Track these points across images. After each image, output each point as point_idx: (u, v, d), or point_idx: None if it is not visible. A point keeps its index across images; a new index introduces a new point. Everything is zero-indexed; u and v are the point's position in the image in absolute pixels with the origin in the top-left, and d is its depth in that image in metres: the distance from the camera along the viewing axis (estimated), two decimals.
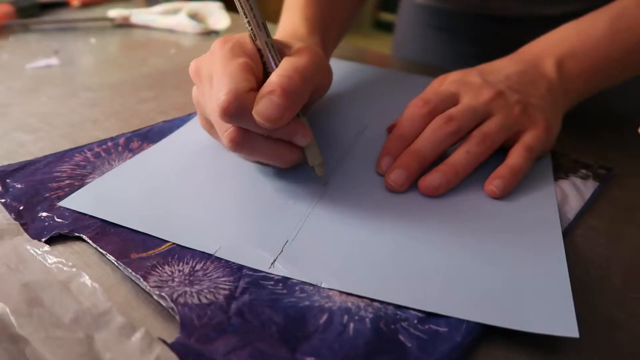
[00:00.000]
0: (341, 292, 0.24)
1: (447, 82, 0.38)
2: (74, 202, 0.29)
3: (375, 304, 0.24)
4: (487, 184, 0.33)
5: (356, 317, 0.23)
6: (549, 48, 0.40)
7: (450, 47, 0.65)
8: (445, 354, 0.21)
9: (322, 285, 0.25)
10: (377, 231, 0.29)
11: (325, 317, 0.23)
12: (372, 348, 0.22)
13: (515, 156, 0.34)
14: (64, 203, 0.29)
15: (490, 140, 0.34)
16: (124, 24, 0.68)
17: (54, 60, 0.53)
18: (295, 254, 0.27)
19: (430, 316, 0.23)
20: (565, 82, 0.38)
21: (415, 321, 0.23)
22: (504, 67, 0.39)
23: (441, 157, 0.34)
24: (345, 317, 0.23)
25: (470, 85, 0.37)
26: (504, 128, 0.34)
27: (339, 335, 0.22)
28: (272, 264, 0.26)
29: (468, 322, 0.23)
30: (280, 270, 0.26)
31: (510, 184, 0.32)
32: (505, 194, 0.32)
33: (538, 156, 0.36)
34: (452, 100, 0.36)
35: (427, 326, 0.23)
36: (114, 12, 0.67)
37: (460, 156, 0.33)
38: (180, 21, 0.66)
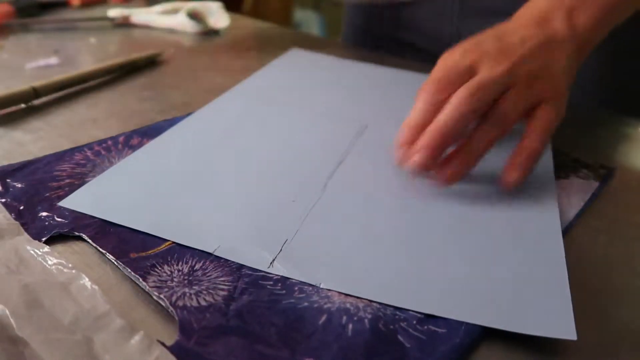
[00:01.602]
0: (340, 293, 0.24)
1: (460, 52, 0.35)
2: (74, 202, 0.29)
3: (374, 304, 0.24)
4: (506, 174, 0.31)
5: (355, 318, 0.23)
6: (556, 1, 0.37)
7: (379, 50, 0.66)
8: (444, 354, 0.21)
9: (321, 286, 0.25)
10: (377, 232, 0.29)
11: (324, 318, 0.23)
12: (371, 348, 0.22)
13: (533, 138, 0.32)
14: (63, 203, 0.29)
15: (509, 118, 0.32)
16: (124, 24, 0.68)
17: (53, 60, 0.53)
18: (294, 253, 0.27)
19: (429, 317, 0.23)
20: (577, 37, 0.36)
21: (415, 322, 0.23)
22: (517, 30, 0.36)
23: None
24: (344, 318, 0.23)
25: (486, 54, 0.34)
26: (522, 101, 0.32)
27: (338, 336, 0.22)
28: (271, 263, 0.26)
29: (467, 323, 0.23)
30: (279, 270, 0.26)
31: (528, 171, 0.32)
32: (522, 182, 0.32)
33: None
34: (466, 73, 0.33)
35: (426, 327, 0.23)
36: (114, 12, 0.67)
37: (478, 137, 0.32)
38: (180, 21, 0.66)
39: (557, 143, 0.38)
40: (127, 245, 0.26)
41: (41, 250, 0.25)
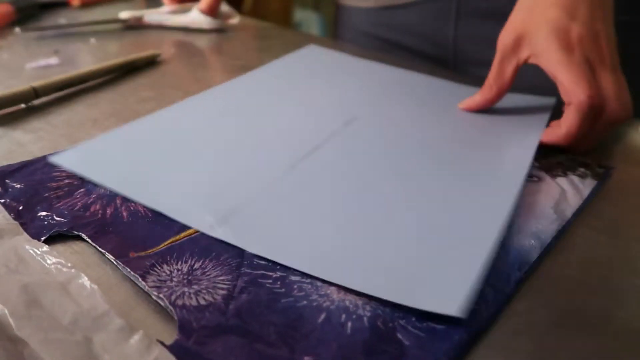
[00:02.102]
0: (339, 290, 0.24)
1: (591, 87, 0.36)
2: (64, 159, 0.32)
3: (373, 302, 0.24)
4: None
5: (354, 316, 0.23)
6: None
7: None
8: (443, 352, 0.22)
9: (249, 250, 0.26)
10: (326, 212, 0.30)
11: (323, 316, 0.23)
12: (370, 346, 0.22)
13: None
14: (54, 159, 0.32)
15: None
16: (137, 26, 0.67)
17: (53, 60, 0.53)
18: (240, 222, 0.28)
19: (428, 314, 0.23)
20: None
21: (414, 319, 0.23)
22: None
23: None
24: (343, 316, 0.23)
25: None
26: None
27: (337, 334, 0.22)
28: (212, 226, 0.28)
29: (467, 320, 0.23)
30: (218, 233, 0.27)
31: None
32: None
33: None
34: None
35: (425, 324, 0.23)
36: (126, 14, 0.66)
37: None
38: (194, 18, 0.65)
39: None
40: (126, 245, 0.26)
41: (40, 249, 0.25)
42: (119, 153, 0.34)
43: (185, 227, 0.28)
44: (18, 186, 0.31)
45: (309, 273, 0.25)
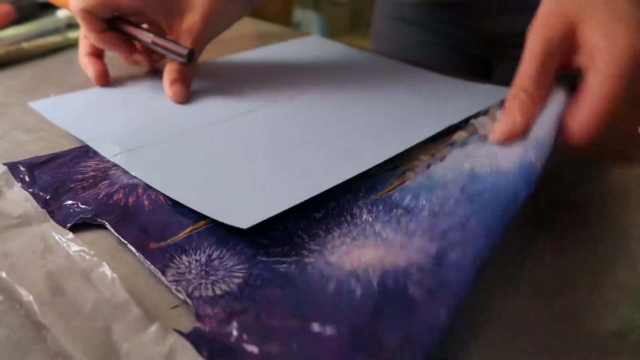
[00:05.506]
0: (352, 263, 0.25)
1: None
2: (44, 106, 0.39)
3: (380, 267, 0.24)
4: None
5: (364, 283, 0.23)
6: None
7: (420, 39, 0.67)
8: (453, 297, 0.22)
9: (115, 160, 0.33)
10: (216, 156, 0.34)
11: (333, 285, 0.24)
12: (380, 305, 0.22)
13: None
14: (34, 104, 0.39)
15: None
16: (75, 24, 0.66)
17: None
18: (139, 155, 0.33)
19: (439, 267, 0.23)
20: None
21: (424, 274, 0.23)
22: None
23: None
24: (353, 282, 0.24)
25: None
26: None
27: (347, 299, 0.23)
28: (115, 155, 0.33)
29: (474, 260, 0.23)
30: (117, 159, 0.33)
31: None
32: None
33: None
34: None
35: (435, 278, 0.23)
36: (63, 13, 0.64)
37: None
38: None
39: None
40: (146, 234, 0.27)
41: (65, 237, 0.26)
42: (85, 105, 0.41)
43: (204, 216, 0.28)
44: (45, 177, 0.31)
45: (165, 193, 0.29)
